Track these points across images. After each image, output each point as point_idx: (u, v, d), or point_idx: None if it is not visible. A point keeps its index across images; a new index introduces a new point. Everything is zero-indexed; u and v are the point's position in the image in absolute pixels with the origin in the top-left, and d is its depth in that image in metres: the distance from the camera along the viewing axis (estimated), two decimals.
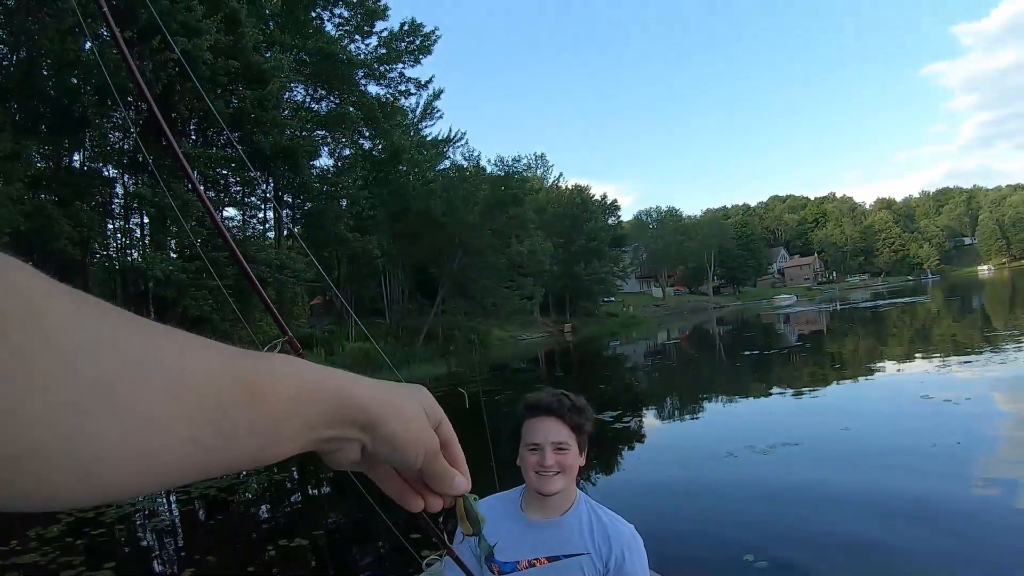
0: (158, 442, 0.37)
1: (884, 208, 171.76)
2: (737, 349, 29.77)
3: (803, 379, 17.68)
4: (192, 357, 0.40)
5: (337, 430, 0.51)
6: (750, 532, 6.61)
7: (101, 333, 0.36)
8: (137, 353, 0.37)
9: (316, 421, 0.49)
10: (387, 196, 43.36)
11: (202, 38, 26.37)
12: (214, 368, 0.41)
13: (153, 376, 0.37)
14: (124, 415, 0.36)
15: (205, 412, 0.40)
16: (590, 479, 9.66)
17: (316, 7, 40.38)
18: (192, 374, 0.40)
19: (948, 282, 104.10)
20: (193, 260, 26.43)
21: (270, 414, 0.45)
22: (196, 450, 0.40)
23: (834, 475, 8.26)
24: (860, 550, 5.99)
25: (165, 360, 0.38)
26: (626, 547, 2.15)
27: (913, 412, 11.39)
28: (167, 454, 0.38)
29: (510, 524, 2.24)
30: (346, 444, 0.53)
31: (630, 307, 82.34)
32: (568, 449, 2.18)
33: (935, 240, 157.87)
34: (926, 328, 30.58)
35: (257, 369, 0.45)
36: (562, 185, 78.85)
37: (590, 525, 2.20)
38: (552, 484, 2.16)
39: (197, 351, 0.41)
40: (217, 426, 0.41)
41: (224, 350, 0.43)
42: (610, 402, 16.34)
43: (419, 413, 0.59)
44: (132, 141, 29.93)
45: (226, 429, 0.41)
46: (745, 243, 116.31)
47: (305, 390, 0.47)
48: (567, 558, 2.15)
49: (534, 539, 2.20)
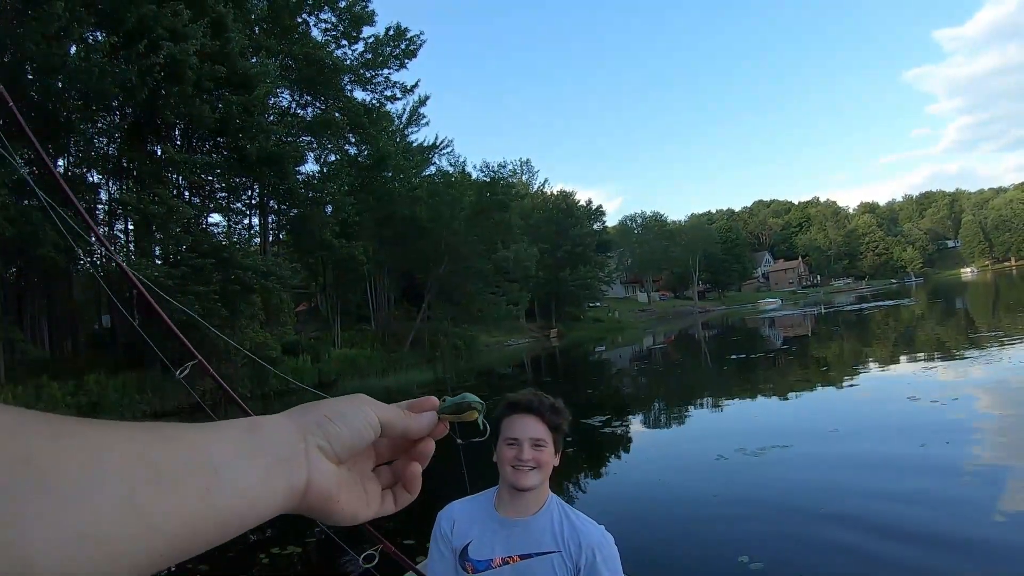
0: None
1: (868, 212, 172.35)
2: (723, 353, 29.92)
3: (790, 382, 17.80)
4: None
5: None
6: (744, 533, 6.65)
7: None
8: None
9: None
10: (373, 202, 43.26)
11: (188, 43, 26.26)
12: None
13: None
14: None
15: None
16: (579, 484, 9.69)
17: (302, 12, 40.28)
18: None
19: (932, 285, 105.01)
20: (179, 266, 26.29)
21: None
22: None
23: (825, 476, 8.33)
24: (853, 548, 6.06)
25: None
26: (596, 547, 2.20)
27: (900, 413, 11.52)
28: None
29: (483, 523, 2.29)
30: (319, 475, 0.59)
31: (616, 312, 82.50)
32: (545, 446, 2.23)
33: (918, 243, 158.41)
34: (911, 331, 30.81)
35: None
36: (547, 191, 78.84)
37: (560, 525, 2.25)
38: (528, 478, 2.21)
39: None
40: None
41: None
42: (598, 407, 16.38)
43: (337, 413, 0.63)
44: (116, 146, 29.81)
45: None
46: (730, 248, 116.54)
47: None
48: (539, 556, 2.20)
49: (507, 537, 2.24)
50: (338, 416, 0.62)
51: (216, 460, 0.50)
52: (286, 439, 0.57)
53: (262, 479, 0.53)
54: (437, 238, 44.44)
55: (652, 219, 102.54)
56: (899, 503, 7.04)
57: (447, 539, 2.32)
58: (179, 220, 27.60)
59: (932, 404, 11.75)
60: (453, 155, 79.72)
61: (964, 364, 16.60)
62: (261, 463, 0.54)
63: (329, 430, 0.60)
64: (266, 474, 0.53)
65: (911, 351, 21.42)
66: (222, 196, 35.16)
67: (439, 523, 2.38)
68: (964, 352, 18.65)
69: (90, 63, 23.68)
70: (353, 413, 0.63)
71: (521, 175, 77.97)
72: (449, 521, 2.35)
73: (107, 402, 23.96)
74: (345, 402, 0.64)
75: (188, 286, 25.55)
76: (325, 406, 0.63)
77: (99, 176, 31.43)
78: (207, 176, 32.54)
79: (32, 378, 23.47)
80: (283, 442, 0.57)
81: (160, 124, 29.52)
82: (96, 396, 23.97)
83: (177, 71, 26.17)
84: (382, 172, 44.61)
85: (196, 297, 25.61)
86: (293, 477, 0.56)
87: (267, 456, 0.54)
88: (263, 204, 38.40)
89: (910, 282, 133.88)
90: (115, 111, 29.95)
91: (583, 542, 2.19)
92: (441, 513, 2.40)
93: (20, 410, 0.42)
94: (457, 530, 2.31)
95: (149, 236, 28.28)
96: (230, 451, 0.52)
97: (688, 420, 14.26)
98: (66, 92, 26.14)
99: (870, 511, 6.88)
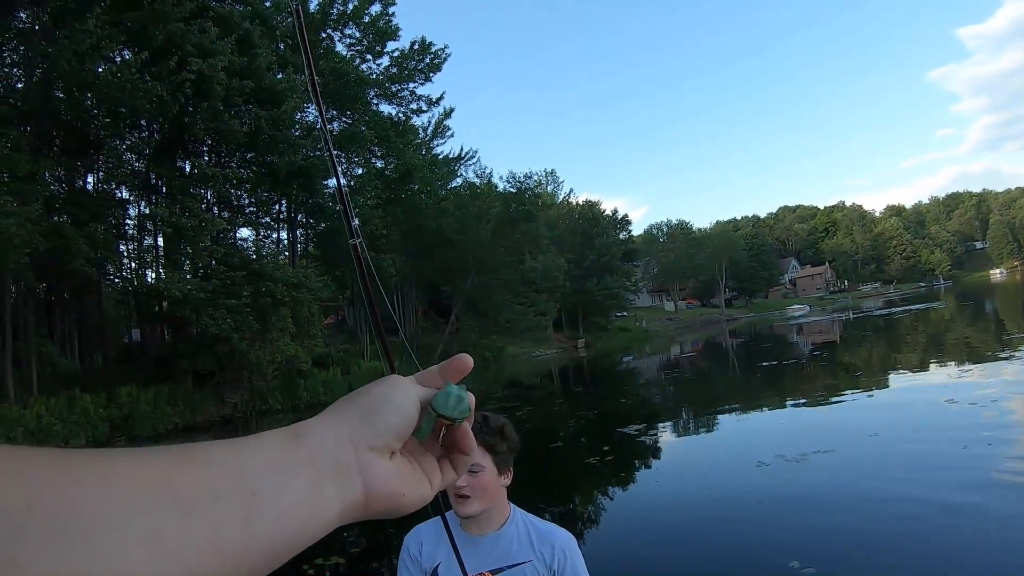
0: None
1: (894, 215, 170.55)
2: (753, 361, 29.68)
3: (823, 388, 17.61)
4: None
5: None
6: (793, 539, 6.55)
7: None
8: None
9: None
10: (400, 215, 43.50)
11: (216, 59, 26.55)
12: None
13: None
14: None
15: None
16: (620, 491, 9.64)
17: (327, 28, 40.65)
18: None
19: (961, 287, 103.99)
20: (210, 279, 26.52)
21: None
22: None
23: (870, 480, 8.20)
24: (904, 551, 5.96)
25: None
26: (566, 549, 2.22)
27: (940, 416, 11.36)
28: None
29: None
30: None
31: (643, 321, 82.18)
32: (480, 471, 2.18)
33: (946, 245, 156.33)
34: (942, 334, 30.47)
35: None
36: (573, 201, 78.83)
37: (527, 534, 2.25)
38: (466, 507, 2.18)
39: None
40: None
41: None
42: (631, 416, 16.32)
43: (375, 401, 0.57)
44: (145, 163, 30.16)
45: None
46: (756, 254, 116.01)
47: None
48: (511, 568, 2.20)
49: (477, 555, 2.22)
50: (382, 402, 0.56)
51: (253, 480, 0.45)
52: (332, 445, 0.52)
53: (311, 495, 0.48)
54: (464, 250, 44.61)
55: (678, 227, 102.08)
56: (949, 505, 6.94)
57: (416, 561, 2.31)
58: (209, 233, 27.82)
59: (971, 407, 11.55)
60: (479, 166, 80.00)
61: (999, 366, 16.34)
62: (306, 477, 0.48)
63: (376, 423, 0.55)
64: (314, 489, 0.48)
65: (944, 355, 21.10)
66: (251, 211, 35.50)
67: (407, 546, 2.36)
68: (998, 355, 18.40)
69: (122, 79, 23.97)
70: (397, 395, 0.58)
71: (546, 185, 78.15)
72: (417, 543, 2.34)
73: (139, 414, 24.12)
74: (384, 385, 0.58)
75: (220, 299, 25.77)
76: (366, 395, 0.57)
77: (128, 193, 31.87)
78: (236, 191, 32.87)
79: (64, 390, 23.68)
80: (329, 449, 0.51)
81: (188, 140, 29.84)
82: (128, 409, 24.16)
83: (206, 87, 26.46)
84: (409, 185, 44.91)
85: (228, 310, 25.81)
86: (347, 488, 0.51)
87: (313, 468, 0.49)
88: (291, 218, 38.72)
89: (939, 285, 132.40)
90: (144, 128, 30.33)
91: (556, 544, 2.22)
92: (408, 536, 2.38)
93: (22, 449, 0.37)
94: (426, 552, 2.30)
95: (180, 250, 28.51)
96: (269, 468, 0.46)
97: (723, 427, 14.08)
98: (96, 109, 26.50)
99: (917, 513, 6.78)
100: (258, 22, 30.93)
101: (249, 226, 35.99)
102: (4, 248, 20.26)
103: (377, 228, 39.74)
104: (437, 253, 45.18)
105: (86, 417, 23.05)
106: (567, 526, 2.34)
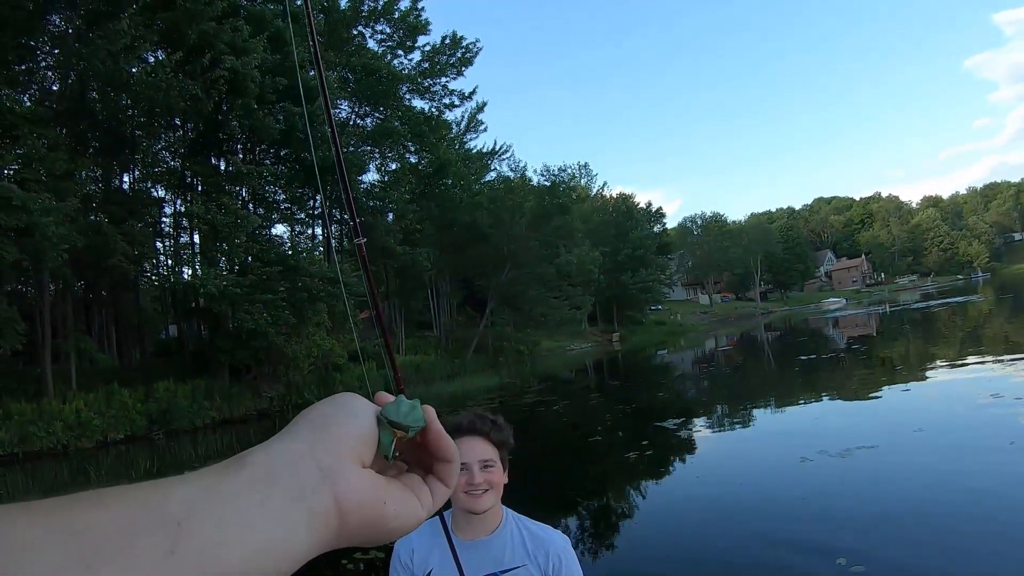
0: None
1: (931, 206, 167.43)
2: (789, 355, 29.41)
3: (863, 383, 17.29)
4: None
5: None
6: (839, 535, 6.43)
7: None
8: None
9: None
10: (434, 209, 43.69)
11: (250, 57, 26.74)
12: None
13: None
14: None
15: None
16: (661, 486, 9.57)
17: (358, 24, 40.78)
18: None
19: (999, 280, 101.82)
20: (246, 275, 26.75)
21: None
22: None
23: (918, 476, 8.05)
24: (956, 548, 5.85)
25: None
26: (561, 553, 2.22)
27: (985, 410, 11.15)
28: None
29: (443, 548, 2.21)
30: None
31: (677, 315, 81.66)
32: (494, 466, 2.22)
33: (984, 237, 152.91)
34: (982, 328, 29.98)
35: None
36: (607, 194, 78.58)
37: (521, 538, 2.25)
38: (482, 502, 2.19)
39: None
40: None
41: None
42: (668, 410, 16.24)
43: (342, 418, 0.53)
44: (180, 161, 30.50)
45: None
46: (791, 247, 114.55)
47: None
48: (505, 573, 2.20)
49: (469, 561, 2.19)
50: (336, 409, 0.53)
51: (177, 512, 0.40)
52: (287, 464, 0.47)
53: (265, 518, 0.43)
54: (498, 243, 44.67)
55: (712, 220, 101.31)
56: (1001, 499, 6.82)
57: (408, 568, 2.29)
58: (245, 229, 28.04)
59: (1017, 400, 11.34)
60: (513, 160, 79.95)
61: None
62: (255, 499, 0.44)
63: (334, 430, 0.51)
64: (267, 510, 0.44)
65: (985, 349, 20.66)
66: (286, 207, 35.75)
67: (397, 553, 2.34)
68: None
69: (157, 78, 24.20)
70: (348, 402, 0.54)
71: (580, 179, 77.96)
72: (408, 550, 2.31)
73: (177, 408, 24.42)
74: (332, 399, 0.55)
75: (256, 295, 25.99)
76: (315, 410, 0.54)
77: (164, 191, 32.27)
78: (271, 187, 33.12)
79: (102, 385, 24.01)
80: (284, 469, 0.47)
81: (223, 137, 30.10)
82: (166, 403, 24.47)
83: (240, 84, 26.67)
84: (442, 179, 45.08)
85: (264, 305, 26.02)
86: (312, 501, 0.46)
87: (257, 492, 0.44)
88: (326, 214, 38.99)
89: (977, 278, 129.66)
90: (178, 126, 30.65)
91: (550, 549, 2.22)
92: (398, 543, 2.35)
93: None
94: (417, 559, 2.28)
95: (215, 247, 28.79)
96: (200, 497, 0.42)
97: (762, 422, 13.91)
98: (131, 109, 26.81)
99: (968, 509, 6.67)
100: (289, 20, 31.08)
101: (284, 222, 36.31)
102: (43, 246, 20.57)
103: (412, 223, 39.90)
104: (472, 247, 45.33)
105: (124, 411, 23.40)
106: (607, 522, 2.31)
